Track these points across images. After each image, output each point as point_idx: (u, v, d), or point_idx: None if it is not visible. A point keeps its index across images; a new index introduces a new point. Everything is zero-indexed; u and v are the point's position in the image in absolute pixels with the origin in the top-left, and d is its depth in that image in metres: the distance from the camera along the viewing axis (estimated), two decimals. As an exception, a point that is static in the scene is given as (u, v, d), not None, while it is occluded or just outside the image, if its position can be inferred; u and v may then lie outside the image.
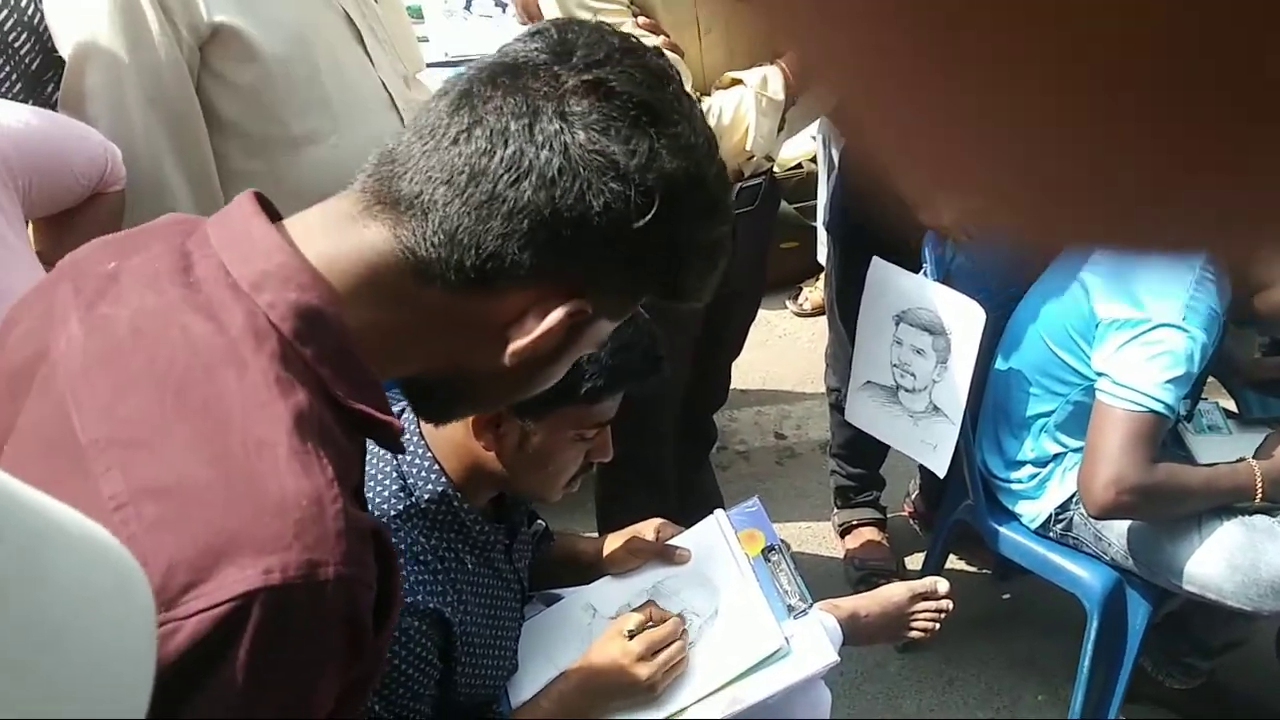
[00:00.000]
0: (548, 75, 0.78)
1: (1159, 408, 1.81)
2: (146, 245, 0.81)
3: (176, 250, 0.79)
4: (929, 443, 2.25)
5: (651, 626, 1.43)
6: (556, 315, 0.79)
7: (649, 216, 0.78)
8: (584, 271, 0.80)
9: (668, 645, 1.42)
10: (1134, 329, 1.84)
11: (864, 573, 2.67)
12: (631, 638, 1.41)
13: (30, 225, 1.45)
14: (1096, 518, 1.94)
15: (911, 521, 2.93)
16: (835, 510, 2.88)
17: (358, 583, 0.69)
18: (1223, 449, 2.04)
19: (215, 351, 0.72)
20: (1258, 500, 1.87)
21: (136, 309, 0.75)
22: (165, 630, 0.62)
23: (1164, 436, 1.87)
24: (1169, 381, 1.80)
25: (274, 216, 0.81)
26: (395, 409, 0.85)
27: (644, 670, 1.39)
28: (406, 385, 0.90)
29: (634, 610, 1.47)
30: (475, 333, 0.81)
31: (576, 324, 0.81)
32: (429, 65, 3.18)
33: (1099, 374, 1.90)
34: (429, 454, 1.33)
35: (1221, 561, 1.86)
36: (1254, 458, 1.92)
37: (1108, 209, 0.21)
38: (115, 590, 0.48)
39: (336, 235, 0.79)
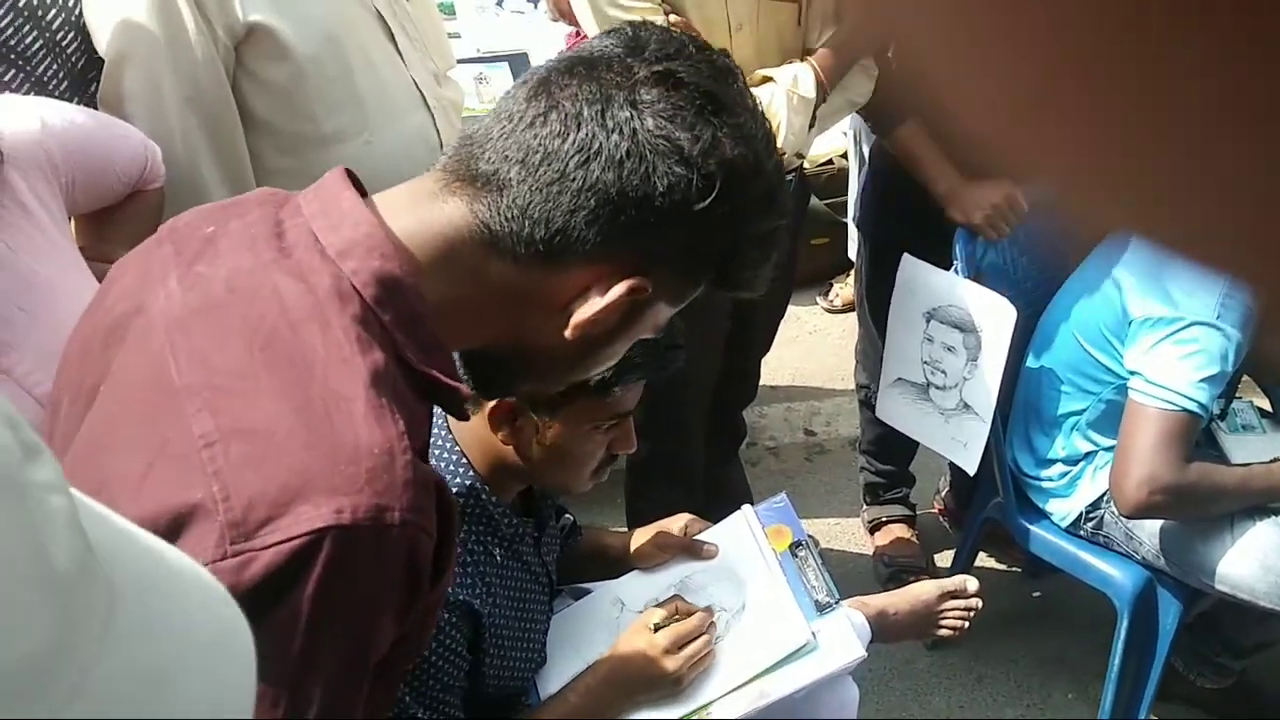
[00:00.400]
0: (621, 67, 0.83)
1: (1192, 406, 1.80)
2: (243, 213, 0.87)
3: (270, 218, 0.84)
4: (959, 440, 2.25)
5: (678, 620, 1.44)
6: (618, 290, 0.82)
7: (709, 199, 0.82)
8: (646, 251, 0.83)
9: (694, 639, 1.43)
10: (1168, 327, 1.83)
11: (893, 569, 2.66)
12: (657, 631, 1.42)
13: (72, 221, 1.47)
14: (1129, 517, 1.93)
15: (941, 519, 2.92)
16: (865, 507, 2.87)
17: (420, 530, 0.74)
18: (1257, 448, 2.02)
19: (302, 310, 0.77)
20: None
21: (232, 269, 0.81)
22: (241, 560, 0.67)
23: (1197, 436, 1.85)
24: (1202, 380, 1.79)
25: (362, 192, 0.86)
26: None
27: (670, 664, 1.40)
28: (471, 359, 0.94)
29: (660, 604, 1.48)
30: (541, 307, 0.85)
31: (636, 303, 0.85)
32: (460, 61, 3.19)
33: (1132, 372, 1.88)
34: (456, 448, 1.34)
35: (1255, 562, 1.85)
36: None
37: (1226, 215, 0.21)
38: (220, 639, 0.49)
39: (419, 209, 0.84)
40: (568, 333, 0.85)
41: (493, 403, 1.28)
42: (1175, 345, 1.82)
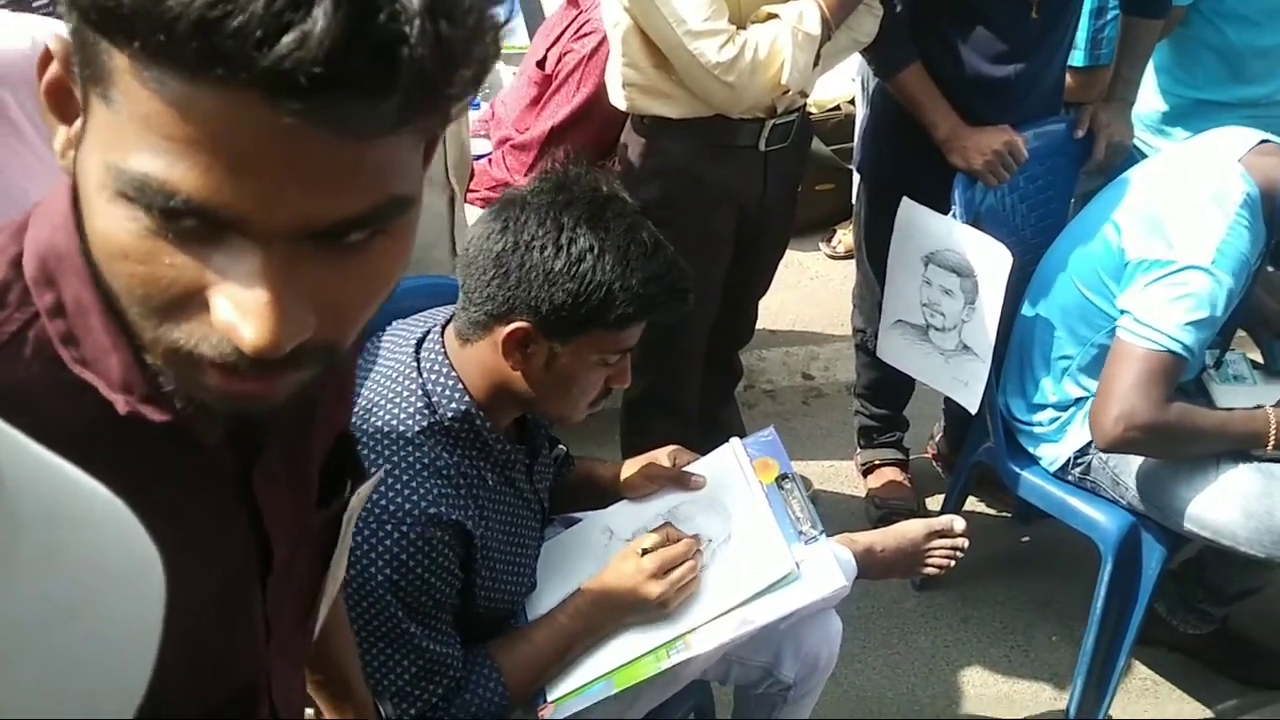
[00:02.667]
0: None
1: (1177, 348, 1.81)
2: None
3: None
4: (960, 379, 2.26)
5: (667, 547, 1.47)
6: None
7: None
8: None
9: (679, 564, 1.46)
10: (1161, 269, 1.84)
11: (884, 511, 2.70)
12: (645, 555, 1.45)
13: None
14: (1104, 450, 1.95)
15: (934, 464, 2.95)
16: (859, 450, 2.90)
17: None
18: (1246, 399, 2.04)
19: None
20: (1269, 449, 1.87)
21: None
22: None
23: (1180, 378, 1.87)
24: (1190, 324, 1.81)
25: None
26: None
27: (655, 588, 1.43)
28: None
29: (650, 532, 1.51)
30: None
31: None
32: None
33: (1122, 312, 1.90)
34: (453, 373, 1.36)
35: (1237, 508, 1.87)
36: (1273, 406, 1.92)
37: None
38: (131, 571, 0.47)
39: None
40: None
41: (505, 329, 1.31)
42: (1167, 287, 1.83)
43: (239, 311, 0.53)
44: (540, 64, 2.62)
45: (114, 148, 0.52)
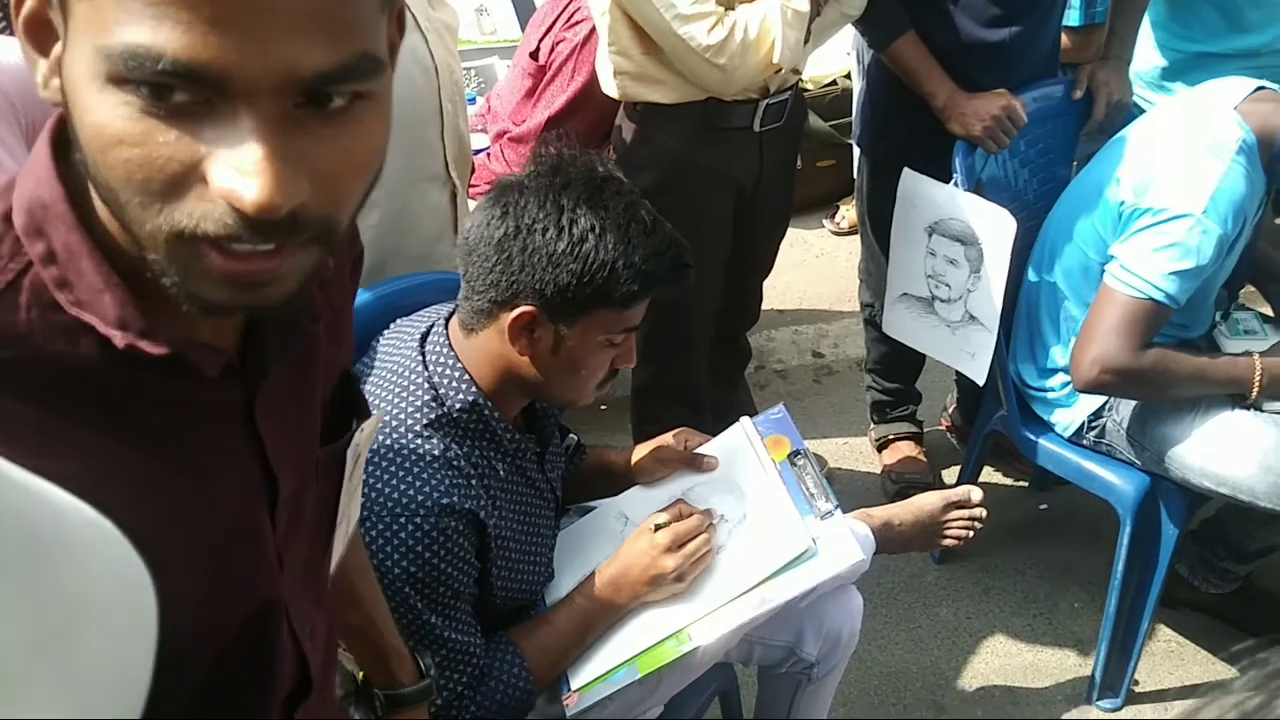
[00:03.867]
0: None
1: (1159, 296, 1.82)
2: None
3: None
4: (967, 351, 2.25)
5: (679, 522, 1.48)
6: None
7: None
8: None
9: (693, 538, 1.46)
10: (1152, 216, 1.84)
11: (901, 486, 2.69)
12: (657, 531, 1.46)
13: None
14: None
15: (949, 435, 2.94)
16: (872, 425, 2.90)
17: None
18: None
19: None
20: (1253, 395, 1.89)
21: None
22: None
23: (1162, 325, 1.88)
24: (1175, 273, 1.81)
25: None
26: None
27: (670, 561, 1.44)
28: None
29: (661, 510, 1.51)
30: None
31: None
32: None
33: (1110, 257, 1.90)
34: (459, 364, 1.36)
35: (1255, 463, 1.86)
36: (1260, 354, 1.92)
37: None
38: (122, 599, 0.47)
39: None
40: None
41: (510, 315, 1.31)
42: (1155, 235, 1.83)
43: (237, 172, 0.55)
44: (533, 55, 2.61)
45: (99, 31, 0.54)
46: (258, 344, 0.73)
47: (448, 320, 1.42)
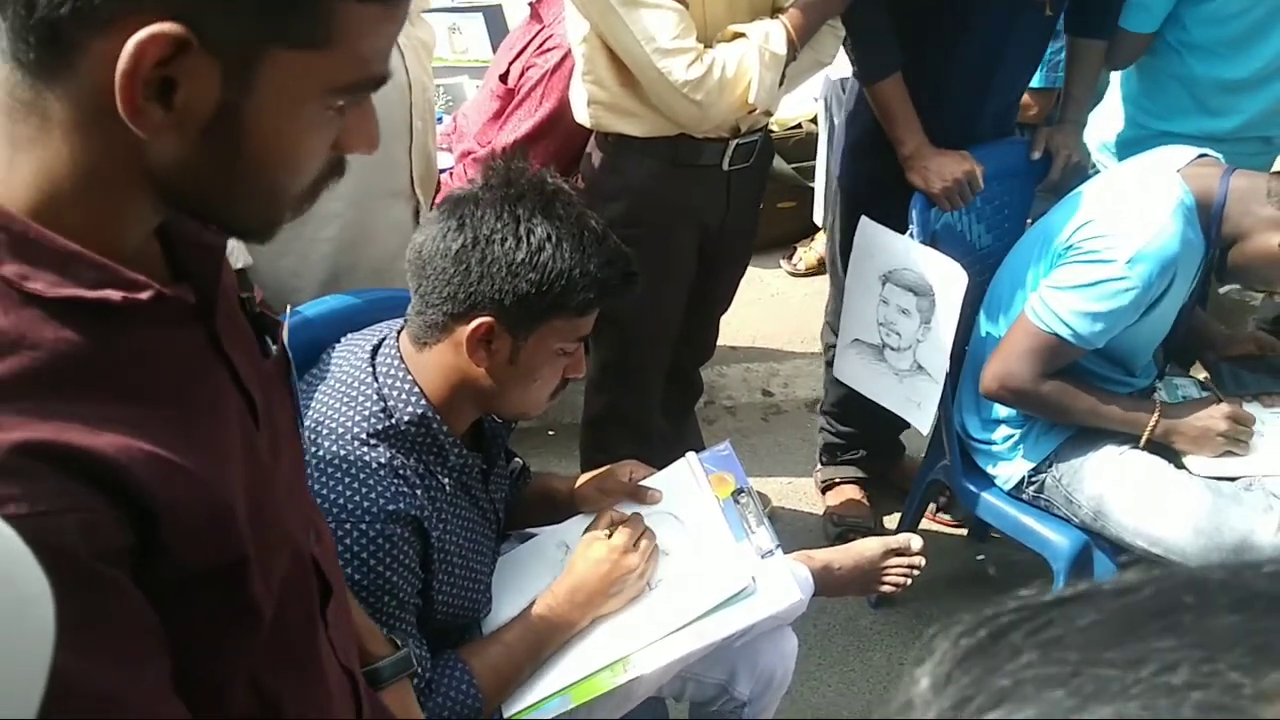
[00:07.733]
0: None
1: (1064, 333, 1.92)
2: None
3: None
4: (914, 400, 2.28)
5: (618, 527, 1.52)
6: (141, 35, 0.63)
7: None
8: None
9: (643, 536, 1.52)
10: (1079, 254, 1.92)
11: (842, 529, 2.71)
12: (611, 535, 1.49)
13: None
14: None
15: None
16: (820, 466, 2.91)
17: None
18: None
19: None
20: (1141, 443, 2.00)
21: None
22: None
23: (1068, 359, 1.99)
24: (1087, 314, 1.89)
25: None
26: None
27: (633, 559, 1.48)
28: None
29: (594, 521, 1.56)
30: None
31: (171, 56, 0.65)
32: (434, 11, 3.17)
33: (1038, 285, 1.97)
34: (409, 377, 1.37)
35: (1187, 526, 1.90)
36: (1167, 409, 2.02)
37: None
38: (11, 612, 0.46)
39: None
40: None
41: (468, 327, 1.31)
42: (1075, 271, 1.92)
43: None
44: (503, 77, 2.62)
45: (338, 74, 0.70)
46: (192, 279, 0.79)
47: (399, 334, 1.42)
